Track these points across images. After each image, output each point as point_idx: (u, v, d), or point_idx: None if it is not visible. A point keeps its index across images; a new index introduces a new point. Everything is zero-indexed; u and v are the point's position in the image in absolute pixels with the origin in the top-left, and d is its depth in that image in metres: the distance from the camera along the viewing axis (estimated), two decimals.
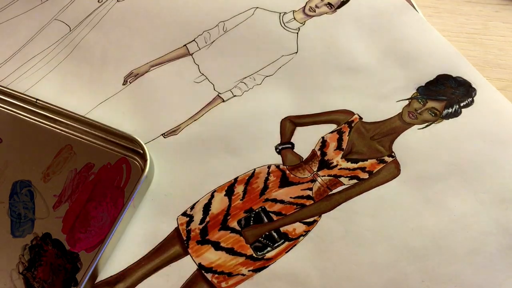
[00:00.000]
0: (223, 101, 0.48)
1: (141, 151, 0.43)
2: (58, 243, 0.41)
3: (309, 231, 0.41)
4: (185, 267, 0.40)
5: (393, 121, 0.45)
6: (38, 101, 0.46)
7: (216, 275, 0.40)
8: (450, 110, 0.45)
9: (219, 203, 0.43)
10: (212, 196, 0.43)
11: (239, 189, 0.43)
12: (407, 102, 0.46)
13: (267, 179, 0.44)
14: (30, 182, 0.44)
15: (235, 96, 0.48)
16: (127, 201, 0.40)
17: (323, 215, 0.42)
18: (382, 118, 0.46)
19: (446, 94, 0.46)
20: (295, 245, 0.41)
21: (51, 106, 0.46)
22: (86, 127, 0.45)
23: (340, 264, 0.39)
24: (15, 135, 0.46)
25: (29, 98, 0.47)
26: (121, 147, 0.45)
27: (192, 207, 0.43)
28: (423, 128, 0.45)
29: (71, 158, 0.45)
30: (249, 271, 0.40)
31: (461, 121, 0.45)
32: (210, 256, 0.41)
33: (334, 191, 0.43)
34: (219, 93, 0.48)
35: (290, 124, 0.46)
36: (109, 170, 0.44)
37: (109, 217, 0.42)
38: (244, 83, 0.49)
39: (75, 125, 0.46)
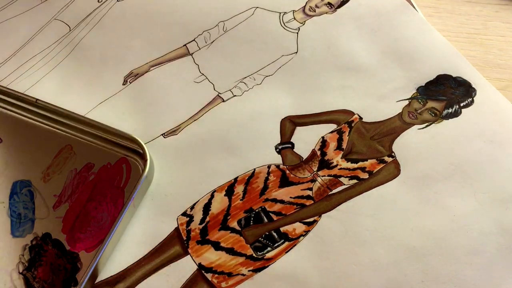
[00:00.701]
0: (223, 101, 0.48)
1: (141, 151, 0.43)
2: (58, 243, 0.41)
3: (309, 231, 0.41)
4: (185, 267, 0.40)
5: (393, 121, 0.45)
6: (38, 101, 0.46)
7: (216, 275, 0.40)
8: (450, 110, 0.45)
9: (219, 203, 0.43)
10: (212, 196, 0.43)
11: (239, 189, 0.43)
12: (407, 102, 0.46)
13: (267, 179, 0.43)
14: (30, 182, 0.44)
15: (235, 96, 0.48)
16: (127, 201, 0.40)
17: (323, 215, 0.42)
18: (382, 118, 0.46)
19: (446, 94, 0.46)
20: (295, 245, 0.41)
21: (51, 106, 0.46)
22: (86, 127, 0.45)
23: (340, 264, 0.39)
24: (15, 135, 0.46)
25: (29, 98, 0.46)
26: (121, 147, 0.45)
27: (192, 207, 0.43)
28: (423, 128, 0.45)
29: (71, 158, 0.45)
30: (249, 271, 0.40)
31: (461, 121, 0.45)
32: (210, 256, 0.41)
33: (334, 191, 0.43)
34: (219, 93, 0.48)
35: (290, 124, 0.46)
36: (109, 170, 0.44)
37: (109, 217, 0.42)
38: (244, 83, 0.49)
39: (75, 125, 0.46)
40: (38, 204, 0.43)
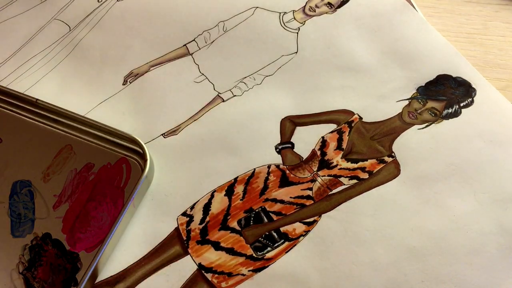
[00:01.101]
0: (223, 101, 0.48)
1: (141, 151, 0.43)
2: (58, 243, 0.41)
3: (309, 231, 0.41)
4: (185, 267, 0.40)
5: (393, 121, 0.45)
6: (38, 101, 0.46)
7: (216, 275, 0.40)
8: (450, 110, 0.45)
9: (219, 203, 0.43)
10: (212, 196, 0.43)
11: (239, 189, 0.43)
12: (407, 102, 0.46)
13: (267, 179, 0.43)
14: (30, 182, 0.44)
15: (235, 96, 0.48)
16: (127, 201, 0.40)
17: (323, 215, 0.42)
18: (382, 118, 0.46)
19: (446, 94, 0.46)
20: (295, 245, 0.41)
21: (51, 106, 0.46)
22: (86, 127, 0.45)
23: (340, 264, 0.39)
24: (15, 135, 0.46)
25: (29, 98, 0.46)
26: (121, 147, 0.45)
27: (192, 207, 0.43)
28: (423, 128, 0.45)
29: (71, 158, 0.45)
30: (249, 271, 0.40)
31: (461, 121, 0.45)
32: (210, 256, 0.41)
33: (334, 191, 0.43)
34: (219, 93, 0.48)
35: (290, 124, 0.46)
36: (109, 170, 0.44)
37: (109, 217, 0.42)
38: (244, 83, 0.49)
39: (75, 125, 0.46)
40: (38, 204, 0.43)
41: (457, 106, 0.46)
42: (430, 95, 0.46)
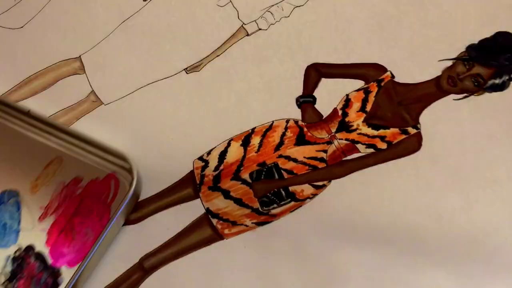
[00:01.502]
0: (247, 34, 0.44)
1: (129, 167, 0.42)
2: (41, 256, 0.41)
3: (316, 194, 0.41)
4: (194, 209, 0.42)
5: (428, 86, 0.41)
6: (30, 112, 0.44)
7: (221, 222, 0.42)
8: (496, 81, 0.40)
9: (235, 152, 0.42)
10: (229, 144, 0.43)
11: (255, 140, 0.42)
12: (450, 63, 0.41)
13: (283, 134, 0.42)
14: (18, 192, 0.43)
15: (260, 29, 0.43)
16: (111, 218, 0.40)
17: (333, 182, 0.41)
18: (418, 76, 0.41)
19: (498, 60, 0.40)
20: (301, 206, 0.41)
21: (43, 118, 0.44)
22: (76, 141, 0.44)
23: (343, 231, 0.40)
24: (5, 144, 0.45)
25: (21, 108, 0.45)
26: (110, 162, 0.43)
27: (209, 153, 0.43)
28: (460, 99, 0.40)
29: (60, 170, 0.43)
30: (252, 223, 0.42)
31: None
32: (219, 203, 0.42)
33: (349, 157, 0.41)
34: (243, 23, 0.43)
35: (315, 74, 0.42)
36: (97, 185, 0.43)
37: (93, 232, 0.42)
38: (271, 12, 0.43)
39: (65, 137, 0.44)
40: (24, 215, 0.42)
41: (507, 77, 0.40)
42: (479, 58, 0.40)
